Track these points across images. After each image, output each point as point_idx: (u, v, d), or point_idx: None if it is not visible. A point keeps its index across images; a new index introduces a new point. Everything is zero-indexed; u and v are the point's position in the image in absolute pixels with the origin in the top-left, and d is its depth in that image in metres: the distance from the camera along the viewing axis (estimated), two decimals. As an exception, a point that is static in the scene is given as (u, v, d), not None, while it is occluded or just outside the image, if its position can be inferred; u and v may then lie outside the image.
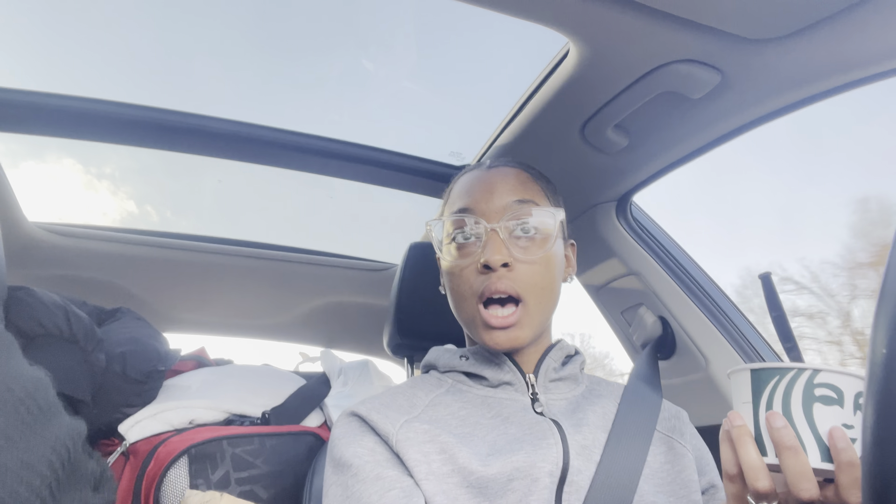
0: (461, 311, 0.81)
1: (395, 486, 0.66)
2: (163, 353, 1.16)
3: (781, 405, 0.52)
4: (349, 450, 0.72)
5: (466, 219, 0.79)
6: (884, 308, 0.36)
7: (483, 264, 0.75)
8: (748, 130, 1.04)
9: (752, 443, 0.53)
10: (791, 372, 0.53)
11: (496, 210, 0.79)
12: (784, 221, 3.88)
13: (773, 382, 0.53)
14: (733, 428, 0.54)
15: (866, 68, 0.83)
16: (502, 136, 1.20)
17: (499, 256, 0.75)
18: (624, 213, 1.35)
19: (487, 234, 0.77)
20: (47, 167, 1.66)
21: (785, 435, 0.51)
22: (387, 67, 1.46)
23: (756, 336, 1.25)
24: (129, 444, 1.06)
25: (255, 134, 1.26)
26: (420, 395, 0.80)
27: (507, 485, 0.67)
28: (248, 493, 1.05)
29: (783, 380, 0.53)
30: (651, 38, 0.85)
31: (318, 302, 1.93)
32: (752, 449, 0.52)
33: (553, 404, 0.79)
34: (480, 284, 0.76)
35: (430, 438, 0.71)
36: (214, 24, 1.38)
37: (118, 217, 1.79)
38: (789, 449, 0.50)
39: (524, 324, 0.76)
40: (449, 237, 0.81)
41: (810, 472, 0.50)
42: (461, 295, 0.79)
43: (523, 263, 0.77)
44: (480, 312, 0.76)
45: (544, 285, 0.78)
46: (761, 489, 0.51)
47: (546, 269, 0.78)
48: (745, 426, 0.54)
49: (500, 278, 0.75)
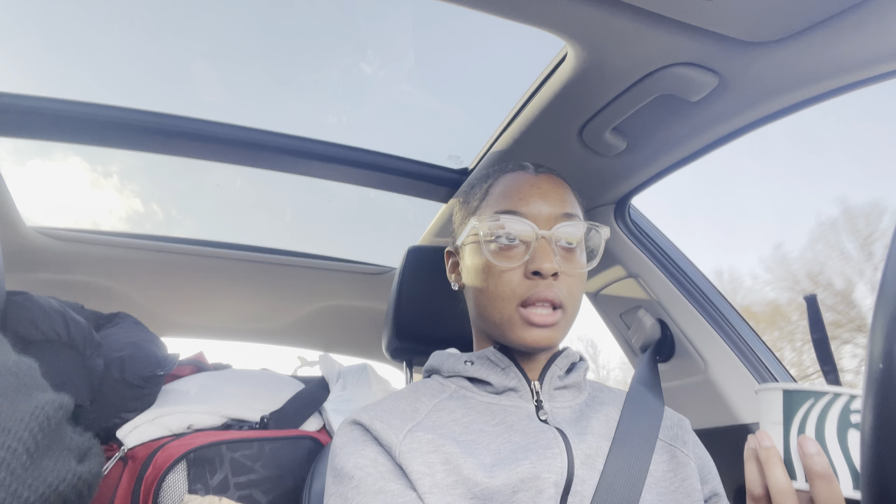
0: (494, 311, 0.78)
1: (397, 500, 0.65)
2: (161, 357, 1.16)
3: (815, 430, 0.51)
4: (351, 460, 0.70)
5: (517, 221, 0.78)
6: (882, 310, 0.36)
7: (534, 271, 0.75)
8: (746, 133, 1.04)
9: (782, 466, 0.52)
10: (827, 396, 0.51)
11: (547, 218, 0.78)
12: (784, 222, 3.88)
13: (807, 405, 0.52)
14: (762, 449, 0.53)
15: (863, 71, 0.84)
16: (500, 139, 1.21)
17: (550, 265, 0.74)
18: (622, 216, 1.36)
19: (538, 240, 0.76)
20: (54, 165, 1.66)
21: (818, 462, 0.50)
22: (385, 71, 1.47)
23: (755, 339, 1.25)
24: (127, 449, 1.06)
25: (254, 138, 1.26)
26: (423, 399, 0.79)
27: (512, 496, 0.66)
28: (247, 498, 1.05)
29: (818, 403, 0.51)
30: (649, 42, 0.85)
31: (316, 306, 1.93)
32: (782, 472, 0.51)
33: (557, 412, 0.79)
34: (526, 290, 0.75)
35: (434, 448, 0.70)
36: (213, 29, 1.38)
37: (124, 215, 1.79)
38: (822, 478, 0.49)
39: (561, 327, 0.77)
40: (491, 235, 0.79)
41: (842, 501, 0.49)
42: (499, 296, 0.77)
43: (567, 275, 0.77)
44: (520, 312, 0.76)
45: (579, 297, 0.80)
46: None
47: (582, 283, 0.80)
48: (774, 448, 0.52)
49: (548, 286, 0.75)
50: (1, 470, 0.36)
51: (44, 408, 0.41)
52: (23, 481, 0.37)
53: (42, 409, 0.41)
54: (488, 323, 0.81)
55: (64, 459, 0.42)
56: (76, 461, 0.43)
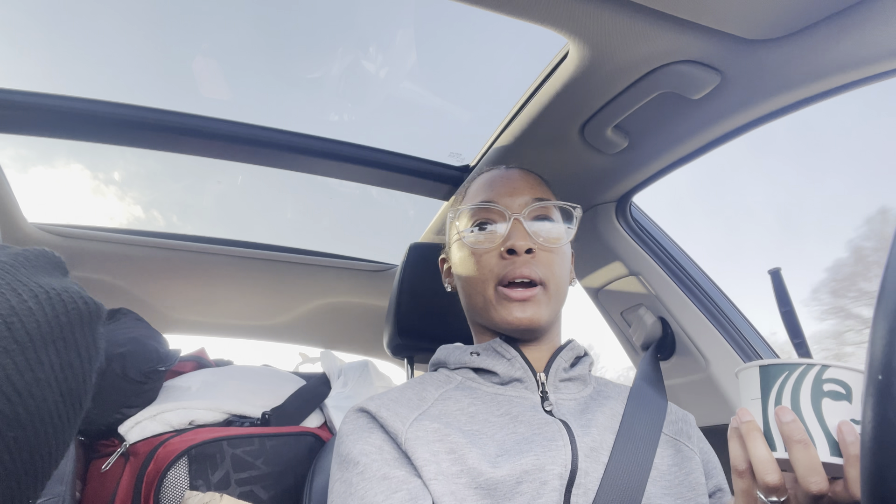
0: (477, 295, 0.82)
1: (401, 487, 0.66)
2: (163, 353, 1.16)
3: (790, 400, 0.53)
4: (356, 447, 0.71)
5: (491, 207, 0.83)
6: (881, 320, 0.36)
7: (508, 249, 0.78)
8: (748, 131, 1.04)
9: (762, 437, 0.53)
10: (800, 368, 0.53)
11: (518, 204, 0.82)
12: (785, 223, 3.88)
13: (781, 378, 0.54)
14: (742, 423, 0.55)
15: (865, 69, 0.84)
16: (502, 136, 1.20)
17: (523, 242, 0.78)
18: (624, 214, 1.35)
19: (511, 222, 0.80)
20: (56, 172, 1.66)
21: (795, 429, 0.51)
22: (387, 68, 1.46)
23: (755, 336, 1.25)
24: (128, 444, 1.06)
25: (255, 135, 1.26)
26: (430, 389, 0.80)
27: (516, 487, 0.66)
28: (248, 494, 1.05)
29: (792, 375, 0.53)
30: (650, 39, 0.85)
31: (318, 302, 1.93)
32: (762, 443, 0.53)
33: (562, 404, 0.79)
34: (502, 269, 0.79)
35: (440, 437, 0.70)
36: (215, 26, 1.38)
37: (125, 221, 1.80)
38: (799, 442, 0.51)
39: (542, 302, 0.79)
40: (470, 225, 0.84)
41: (820, 466, 0.50)
42: (479, 279, 0.81)
43: (544, 251, 0.80)
44: (498, 291, 0.79)
45: (560, 274, 0.82)
46: (771, 483, 0.52)
47: (562, 260, 0.83)
48: (753, 421, 0.54)
49: (524, 263, 0.78)
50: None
51: (25, 251, 0.41)
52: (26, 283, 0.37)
53: (23, 251, 0.41)
54: (475, 310, 0.84)
55: (55, 276, 0.41)
56: (61, 275, 0.42)
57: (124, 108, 1.19)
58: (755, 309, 1.28)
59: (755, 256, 4.00)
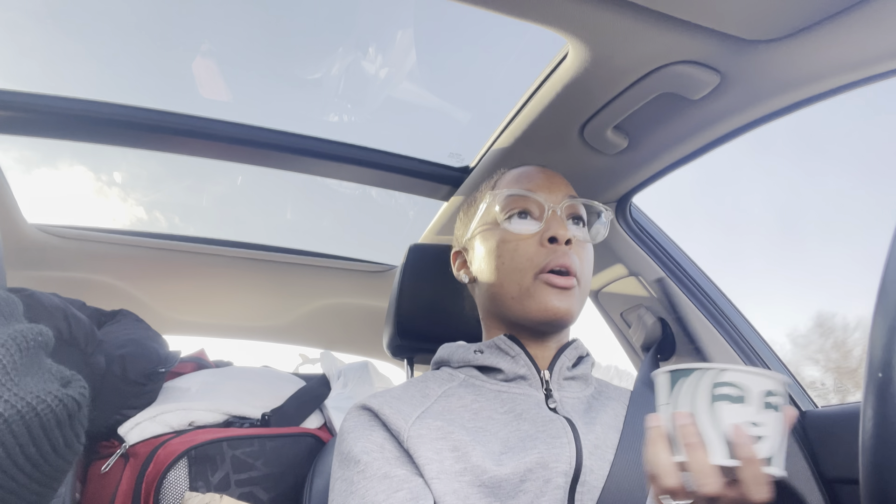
0: (512, 285, 0.81)
1: (402, 486, 0.66)
2: (162, 355, 1.16)
3: (690, 404, 0.53)
4: (358, 445, 0.71)
5: (530, 196, 0.83)
6: (881, 319, 0.36)
7: (550, 237, 0.79)
8: (748, 131, 1.04)
9: (664, 443, 0.54)
10: (695, 372, 0.54)
11: (556, 198, 0.83)
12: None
13: (684, 383, 0.54)
14: (648, 430, 0.56)
15: (866, 69, 0.84)
16: (502, 137, 1.20)
17: (565, 232, 0.79)
18: (623, 215, 1.35)
19: (550, 212, 0.81)
20: (59, 174, 1.67)
21: (687, 432, 0.52)
22: (386, 68, 1.46)
23: (756, 337, 1.25)
24: (128, 445, 1.06)
25: (255, 135, 1.26)
26: (433, 386, 0.80)
27: (520, 485, 0.66)
28: (248, 495, 1.05)
29: (688, 379, 0.54)
30: (650, 40, 0.85)
31: (317, 304, 1.93)
32: (662, 448, 0.53)
33: (567, 402, 0.79)
34: (543, 258, 0.79)
35: (443, 435, 0.70)
36: (215, 27, 1.38)
37: (128, 223, 1.80)
38: (690, 445, 0.51)
39: (576, 295, 0.80)
40: (506, 211, 0.84)
41: (710, 468, 0.51)
42: (516, 268, 0.80)
43: (579, 245, 0.82)
44: (540, 278, 0.79)
45: (589, 272, 0.84)
46: (667, 486, 0.52)
47: (591, 257, 0.85)
48: (659, 427, 0.55)
49: (564, 253, 0.79)
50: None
51: (23, 332, 0.41)
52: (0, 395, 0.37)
53: (21, 333, 0.41)
54: (504, 301, 0.82)
55: (45, 381, 0.41)
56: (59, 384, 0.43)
57: (124, 109, 1.18)
58: (755, 309, 1.28)
59: (754, 256, 4.00)
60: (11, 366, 0.39)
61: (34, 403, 0.39)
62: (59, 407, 0.40)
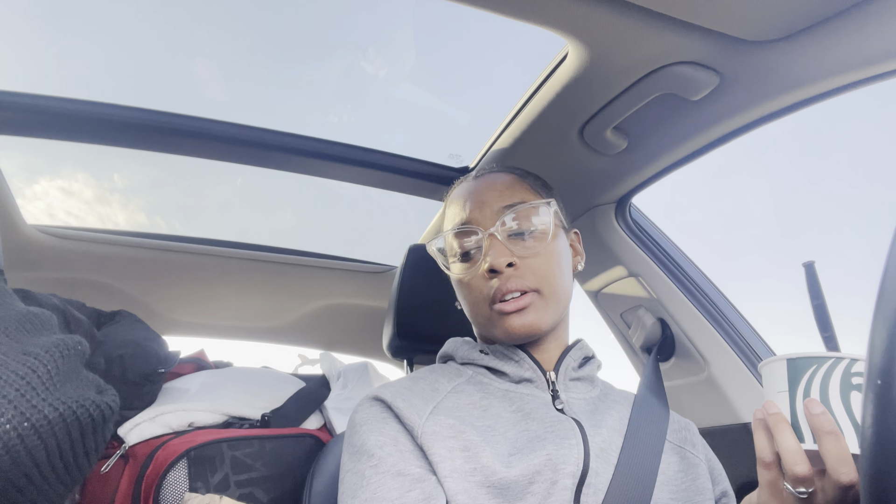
0: (477, 317, 0.82)
1: (415, 486, 0.65)
2: (162, 355, 1.16)
3: (819, 393, 0.53)
4: (371, 437, 0.70)
5: (465, 230, 0.82)
6: (880, 325, 0.36)
7: (488, 269, 0.77)
8: (747, 132, 1.04)
9: (790, 429, 0.54)
10: (829, 361, 0.54)
11: (490, 217, 0.81)
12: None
13: (810, 371, 0.54)
14: (769, 416, 0.55)
15: (864, 70, 0.84)
16: (501, 137, 1.20)
17: (502, 259, 0.76)
18: (623, 215, 1.35)
19: (487, 239, 0.79)
20: (62, 181, 1.67)
21: (825, 420, 0.52)
22: (386, 69, 1.46)
23: (755, 337, 1.25)
24: (128, 446, 1.06)
25: (255, 136, 1.26)
26: (442, 381, 0.80)
27: (528, 487, 0.66)
28: (248, 496, 1.05)
29: (821, 368, 0.54)
30: (650, 41, 0.85)
31: (317, 304, 1.93)
32: (790, 435, 0.53)
33: (574, 403, 0.79)
34: (490, 289, 0.78)
35: (455, 434, 0.70)
36: (215, 28, 1.38)
37: (129, 228, 1.80)
38: (829, 434, 0.51)
39: (540, 308, 0.77)
40: (453, 252, 0.83)
41: (849, 457, 0.51)
42: (474, 302, 0.81)
43: (527, 259, 0.78)
44: (493, 308, 0.78)
45: (554, 274, 0.79)
46: (800, 473, 0.52)
47: (551, 260, 0.80)
48: (780, 413, 0.55)
49: (508, 279, 0.77)
50: (22, 385, 0.38)
51: (64, 341, 0.44)
52: (43, 398, 0.39)
53: (62, 342, 0.44)
54: (479, 329, 0.85)
55: (83, 388, 0.44)
56: (96, 392, 0.45)
57: (124, 109, 1.18)
58: (755, 309, 1.28)
59: (754, 256, 4.00)
60: (55, 371, 0.41)
61: (74, 408, 0.41)
62: (97, 413, 0.43)
